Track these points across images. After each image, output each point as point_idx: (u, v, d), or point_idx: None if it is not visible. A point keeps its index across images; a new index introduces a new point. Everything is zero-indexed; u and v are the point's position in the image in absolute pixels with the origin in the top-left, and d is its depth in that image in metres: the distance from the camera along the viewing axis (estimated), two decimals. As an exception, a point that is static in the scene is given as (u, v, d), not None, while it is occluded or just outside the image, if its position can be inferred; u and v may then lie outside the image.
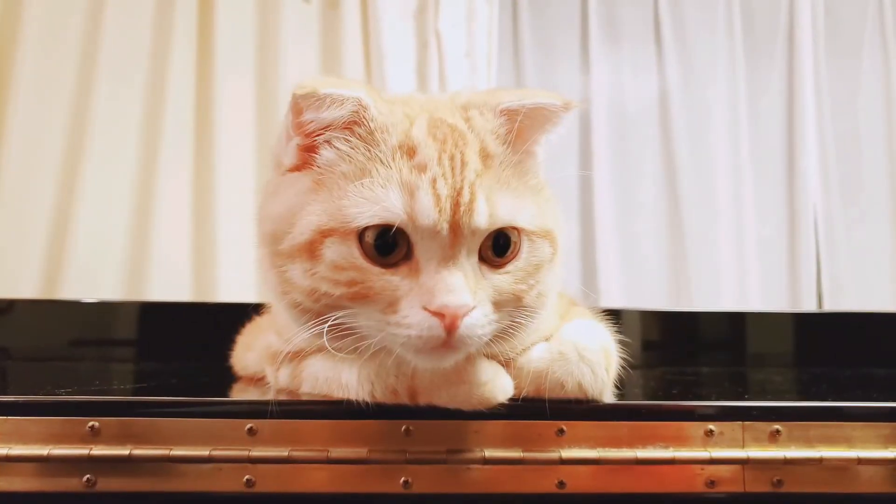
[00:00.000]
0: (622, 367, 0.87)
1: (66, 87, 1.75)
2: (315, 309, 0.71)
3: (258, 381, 0.99)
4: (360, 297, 0.69)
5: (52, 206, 1.71)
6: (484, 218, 0.68)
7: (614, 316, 0.93)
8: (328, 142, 0.72)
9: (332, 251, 0.68)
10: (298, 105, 0.71)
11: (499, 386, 0.76)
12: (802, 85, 2.12)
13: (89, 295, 1.61)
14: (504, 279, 0.71)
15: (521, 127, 0.73)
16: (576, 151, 2.11)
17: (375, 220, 0.67)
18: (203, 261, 1.76)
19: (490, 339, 0.72)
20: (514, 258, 0.72)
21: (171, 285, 1.72)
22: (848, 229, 2.10)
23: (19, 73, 1.71)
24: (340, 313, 0.69)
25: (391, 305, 0.68)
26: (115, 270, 1.72)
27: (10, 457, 0.77)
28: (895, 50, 2.16)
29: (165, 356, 1.46)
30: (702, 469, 0.81)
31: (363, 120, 0.70)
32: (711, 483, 0.80)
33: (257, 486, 0.78)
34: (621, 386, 0.88)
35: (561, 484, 0.79)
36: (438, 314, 0.66)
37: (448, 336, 0.66)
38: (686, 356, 1.55)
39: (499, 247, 0.71)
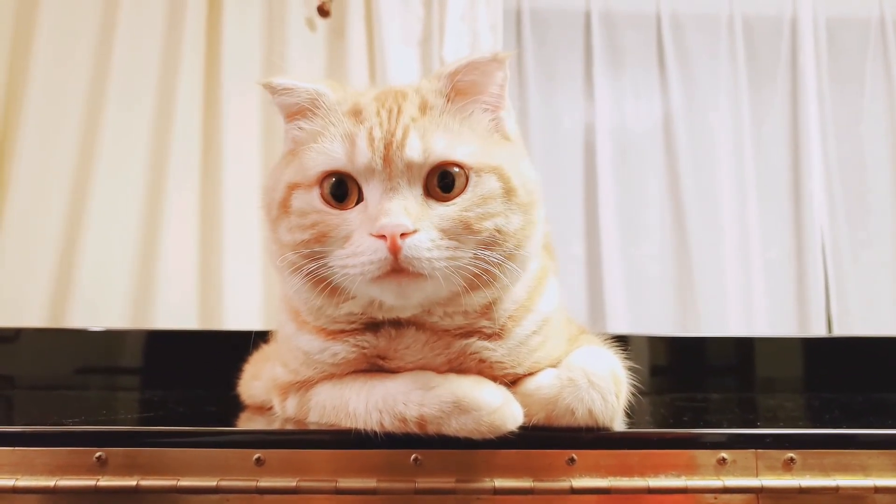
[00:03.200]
0: (632, 393, 0.87)
1: (73, 120, 1.77)
2: (300, 263, 0.78)
3: (266, 409, 0.98)
4: (322, 236, 0.77)
5: (59, 234, 1.72)
6: (416, 151, 0.77)
7: (622, 342, 0.92)
8: (297, 126, 0.85)
9: (298, 200, 0.80)
10: (269, 93, 0.85)
11: (509, 413, 0.76)
12: (806, 109, 2.13)
13: (96, 323, 1.61)
14: (450, 209, 0.77)
15: (462, 84, 0.82)
16: (581, 176, 2.11)
17: (323, 167, 0.79)
18: (209, 289, 1.75)
19: (470, 281, 0.76)
20: (461, 192, 0.78)
21: (177, 313, 1.72)
22: (855, 252, 2.09)
23: (29, 104, 1.73)
24: (317, 260, 0.77)
25: (347, 239, 0.76)
26: (121, 299, 1.72)
27: (16, 488, 0.76)
28: (898, 74, 2.17)
29: (172, 384, 1.46)
30: (715, 498, 0.79)
31: (320, 104, 0.82)
32: (725, 512, 0.79)
33: (265, 517, 0.77)
34: (631, 413, 0.88)
35: (572, 514, 0.78)
36: (381, 236, 0.73)
37: (394, 258, 0.72)
38: (695, 382, 1.54)
39: (446, 185, 0.78)
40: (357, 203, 0.78)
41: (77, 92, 1.78)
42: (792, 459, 0.80)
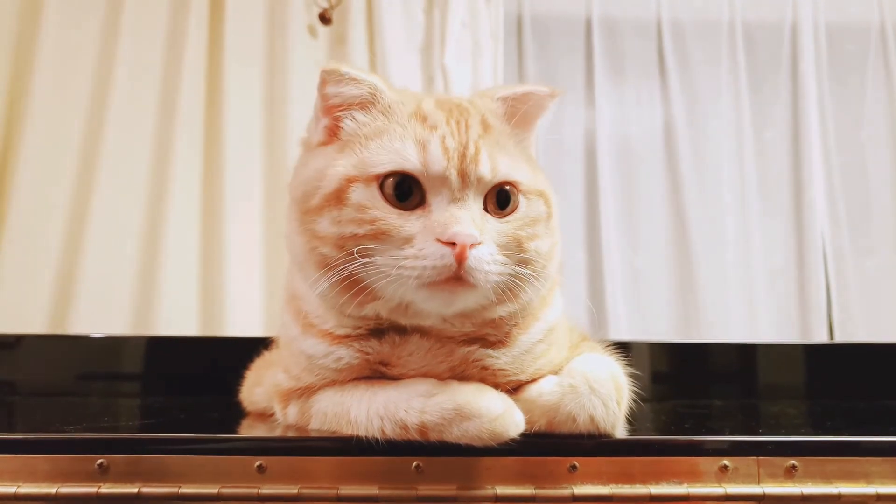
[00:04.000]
0: (633, 400, 0.87)
1: (75, 123, 1.77)
2: (338, 259, 0.77)
3: (267, 416, 0.99)
4: (381, 233, 0.76)
5: (62, 240, 1.72)
6: (487, 168, 0.78)
7: (623, 348, 0.93)
8: (350, 116, 0.83)
9: (358, 194, 0.78)
10: (324, 79, 0.84)
11: (510, 420, 0.76)
12: (807, 116, 2.13)
13: (97, 329, 1.61)
14: (506, 226, 0.79)
15: (516, 110, 0.85)
16: (581, 184, 2.12)
17: (393, 167, 0.77)
18: (211, 295, 1.76)
19: (500, 294, 0.78)
20: (514, 210, 0.81)
21: (178, 320, 1.72)
22: (857, 260, 2.09)
23: (32, 113, 1.74)
24: (356, 264, 0.76)
25: (407, 241, 0.75)
26: (123, 305, 1.72)
27: (18, 495, 0.76)
28: (899, 80, 2.17)
29: (173, 391, 1.46)
30: (717, 506, 0.79)
31: (378, 99, 0.83)
32: (727, 520, 0.79)
33: (266, 525, 0.77)
34: (633, 420, 0.88)
35: (574, 521, 0.78)
36: (450, 243, 0.73)
37: (458, 267, 0.73)
38: (697, 389, 1.54)
39: (500, 202, 0.81)
40: (418, 206, 0.78)
41: (80, 99, 1.79)
42: (794, 467, 0.80)
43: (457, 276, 0.73)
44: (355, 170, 0.78)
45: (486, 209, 0.79)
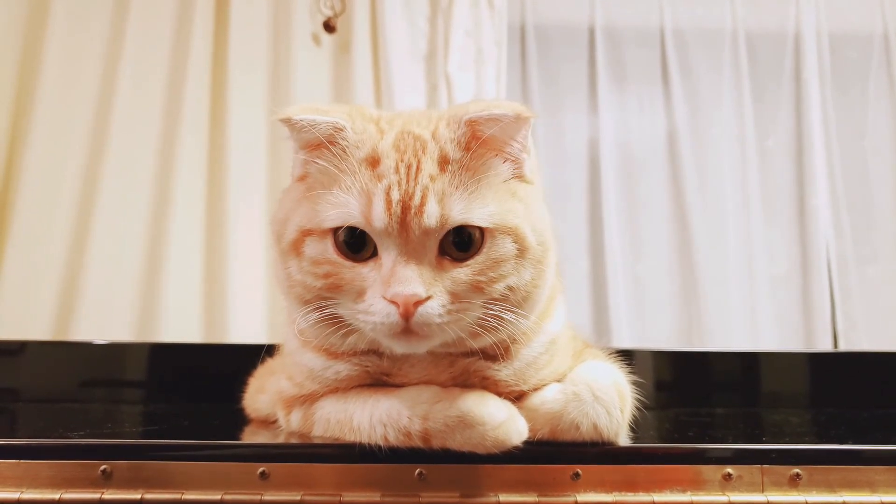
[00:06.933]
0: (636, 408, 0.87)
1: (80, 132, 1.78)
2: (311, 300, 0.79)
3: (270, 423, 0.99)
4: (335, 287, 0.77)
5: (65, 247, 1.72)
6: (434, 219, 0.75)
7: (627, 356, 0.92)
8: (312, 160, 0.81)
9: (311, 248, 0.78)
10: (286, 127, 0.81)
11: (513, 428, 0.76)
12: (810, 123, 2.13)
13: (100, 336, 1.61)
14: (462, 272, 0.76)
15: (482, 135, 0.78)
16: (584, 191, 2.12)
17: (338, 223, 0.77)
18: (214, 302, 1.76)
19: (472, 331, 0.77)
20: (475, 254, 0.77)
21: (182, 326, 1.72)
22: (860, 267, 2.08)
23: (37, 120, 1.75)
24: (328, 304, 0.78)
25: (360, 295, 0.76)
26: (126, 312, 1.72)
27: (21, 501, 0.76)
28: (902, 88, 2.17)
29: (177, 398, 1.46)
30: (720, 514, 0.79)
31: (338, 139, 0.79)
32: (731, 528, 0.79)
33: (269, 532, 0.77)
34: (636, 428, 0.88)
35: (577, 529, 0.78)
36: (393, 302, 0.73)
37: (405, 322, 0.73)
38: (700, 397, 1.53)
39: (462, 243, 0.77)
40: (372, 256, 0.77)
41: (85, 106, 1.80)
42: (798, 475, 0.80)
43: (408, 330, 0.74)
44: (309, 222, 0.78)
45: (444, 252, 0.76)
